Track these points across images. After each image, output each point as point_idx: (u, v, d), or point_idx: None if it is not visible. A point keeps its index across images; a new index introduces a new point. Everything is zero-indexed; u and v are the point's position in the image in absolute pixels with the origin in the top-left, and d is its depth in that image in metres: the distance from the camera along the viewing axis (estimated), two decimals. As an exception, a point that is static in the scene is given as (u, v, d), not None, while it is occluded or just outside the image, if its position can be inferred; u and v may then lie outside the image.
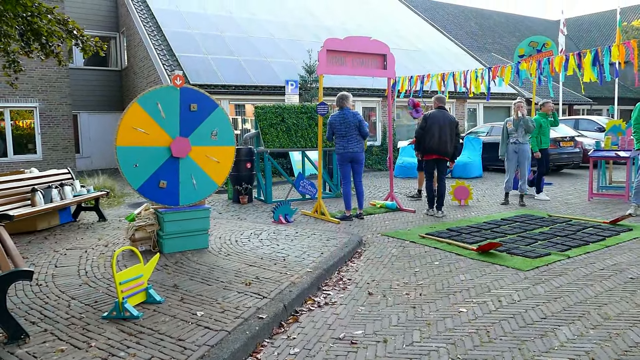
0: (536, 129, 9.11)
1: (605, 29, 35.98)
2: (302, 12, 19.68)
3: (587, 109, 27.41)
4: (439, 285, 4.42)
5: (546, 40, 10.58)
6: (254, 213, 8.31)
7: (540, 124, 9.12)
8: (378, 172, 14.75)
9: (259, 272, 4.60)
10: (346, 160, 7.50)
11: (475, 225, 6.86)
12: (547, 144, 9.26)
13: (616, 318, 3.59)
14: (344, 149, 7.42)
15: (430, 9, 31.14)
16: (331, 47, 7.62)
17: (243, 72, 14.51)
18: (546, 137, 9.22)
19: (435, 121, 7.61)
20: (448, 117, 7.72)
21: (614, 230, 6.34)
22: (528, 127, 8.42)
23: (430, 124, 7.61)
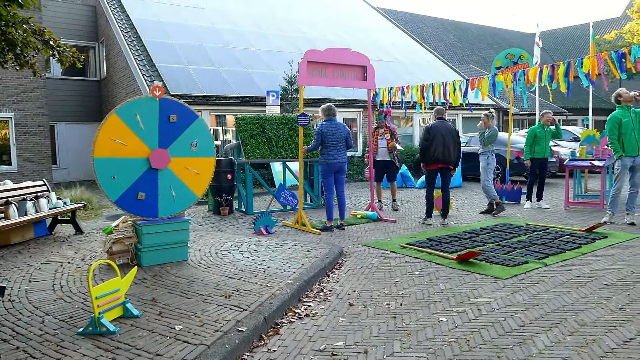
0: (530, 138, 9.26)
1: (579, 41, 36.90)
2: (284, 24, 19.78)
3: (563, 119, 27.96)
4: (419, 295, 4.44)
5: (522, 53, 10.81)
6: (234, 224, 8.26)
7: (535, 134, 9.25)
8: (359, 182, 14.81)
9: (239, 285, 4.56)
10: (332, 171, 7.52)
11: (455, 234, 6.92)
12: (541, 154, 9.28)
13: (592, 324, 3.65)
14: (334, 159, 7.44)
15: (410, 21, 31.59)
16: (311, 59, 7.66)
17: (224, 82, 14.49)
18: (541, 147, 9.25)
19: (438, 132, 7.76)
20: (449, 127, 7.90)
21: (590, 237, 6.46)
22: (482, 139, 8.67)
23: (433, 135, 7.76)
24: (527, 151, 9.30)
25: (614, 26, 30.80)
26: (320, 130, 7.44)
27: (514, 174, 12.27)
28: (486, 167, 8.69)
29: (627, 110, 7.34)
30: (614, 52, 7.44)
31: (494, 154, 8.76)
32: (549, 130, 9.27)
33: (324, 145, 7.44)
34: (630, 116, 7.28)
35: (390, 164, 9.43)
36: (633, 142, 7.24)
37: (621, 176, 7.41)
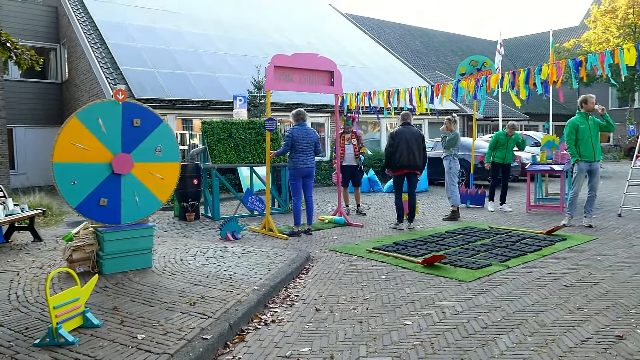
0: (492, 143, 9.62)
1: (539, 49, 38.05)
2: (252, 29, 19.69)
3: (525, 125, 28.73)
4: (385, 299, 4.47)
5: (485, 60, 11.08)
6: (200, 230, 8.15)
7: (497, 140, 9.60)
8: (327, 187, 14.85)
9: (205, 291, 4.50)
10: (301, 176, 7.52)
11: (421, 238, 7.01)
12: (501, 160, 9.65)
13: (552, 325, 3.75)
14: (303, 164, 7.44)
15: (377, 27, 31.94)
16: (278, 64, 7.65)
17: (191, 87, 14.31)
18: (502, 153, 9.61)
19: (403, 137, 7.81)
20: (414, 131, 7.96)
21: (550, 240, 6.64)
22: (444, 142, 8.86)
23: (398, 141, 7.80)
24: (488, 154, 9.71)
25: (573, 35, 31.89)
26: (290, 134, 7.43)
27: (478, 178, 12.52)
28: (449, 171, 8.84)
29: (585, 118, 7.60)
30: (571, 60, 7.69)
31: (457, 158, 8.93)
32: (512, 139, 9.57)
33: (294, 149, 7.43)
34: (588, 123, 7.54)
35: (357, 169, 9.52)
36: (589, 148, 7.50)
37: (578, 180, 7.66)
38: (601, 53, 7.18)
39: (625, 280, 4.83)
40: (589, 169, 7.59)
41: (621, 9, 25.41)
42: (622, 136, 29.43)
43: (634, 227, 7.54)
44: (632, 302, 4.19)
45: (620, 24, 25.55)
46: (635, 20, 25.12)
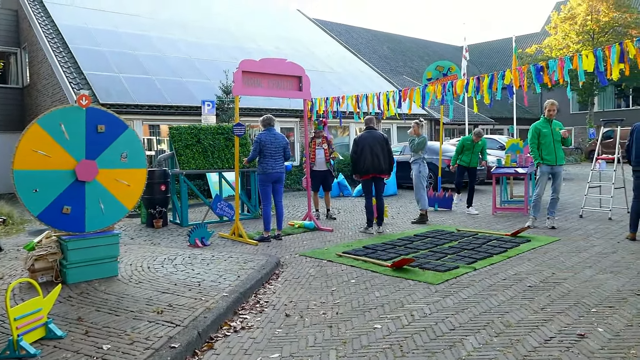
0: (459, 147, 9.95)
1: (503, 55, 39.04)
2: (220, 34, 19.55)
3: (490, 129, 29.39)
4: (355, 303, 4.49)
5: (451, 65, 11.29)
6: (168, 237, 8.02)
7: (464, 145, 9.95)
8: (297, 192, 14.83)
9: (172, 299, 4.43)
10: (270, 181, 7.49)
11: (390, 242, 7.08)
12: (466, 163, 10.00)
13: (517, 325, 3.84)
14: (272, 169, 7.42)
15: (345, 32, 32.19)
16: (246, 69, 7.62)
17: (157, 91, 14.09)
18: (467, 157, 9.95)
19: (366, 142, 7.86)
20: (377, 136, 7.99)
21: (515, 242, 6.81)
22: (412, 146, 9.02)
23: (362, 146, 7.84)
24: (454, 157, 10.09)
25: (535, 41, 32.81)
26: (259, 139, 7.42)
27: (446, 181, 12.72)
28: (418, 175, 8.97)
29: (548, 122, 7.83)
30: (532, 66, 7.91)
31: (425, 162, 9.07)
32: (479, 145, 9.86)
33: (262, 154, 7.41)
34: (551, 128, 7.77)
35: (328, 174, 9.57)
36: (552, 152, 7.73)
37: (540, 182, 7.89)
38: (561, 59, 7.41)
39: (586, 279, 4.98)
40: (551, 172, 7.81)
41: (580, 15, 26.31)
42: (582, 139, 30.41)
43: (594, 228, 7.79)
44: (593, 301, 4.33)
45: (579, 30, 26.45)
46: (593, 27, 26.04)
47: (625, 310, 4.07)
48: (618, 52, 6.61)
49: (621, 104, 31.59)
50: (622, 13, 25.68)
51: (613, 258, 5.81)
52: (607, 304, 4.24)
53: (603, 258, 5.83)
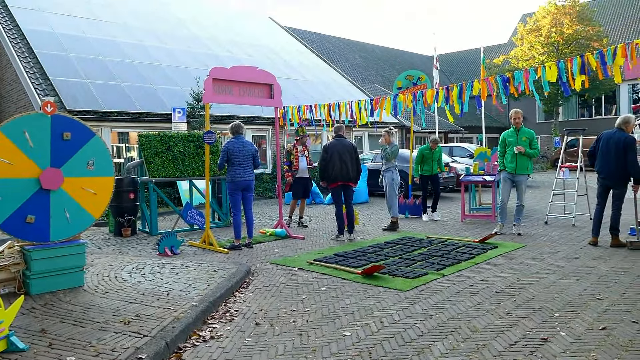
0: (418, 158, 10.04)
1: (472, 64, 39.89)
2: (191, 41, 19.40)
3: (460, 137, 29.95)
4: (325, 311, 4.50)
5: (420, 74, 11.47)
6: (137, 246, 7.89)
7: (423, 155, 10.11)
8: (269, 199, 14.79)
9: (140, 309, 4.36)
10: (240, 189, 7.45)
11: (361, 249, 7.12)
12: (429, 172, 10.14)
13: (483, 330, 3.91)
14: (241, 177, 7.38)
15: (317, 41, 32.38)
16: (217, 76, 7.60)
17: (127, 98, 13.88)
18: (429, 165, 10.10)
19: (335, 150, 7.90)
20: (346, 144, 8.05)
21: (483, 248, 6.94)
22: (385, 154, 9.08)
23: (330, 154, 7.88)
24: (416, 169, 10.24)
25: (502, 51, 33.66)
26: (226, 147, 7.39)
27: (417, 189, 12.87)
28: (391, 182, 9.06)
29: (514, 132, 8.04)
30: (499, 77, 8.12)
31: (397, 170, 9.17)
32: (437, 151, 10.09)
33: (231, 162, 7.38)
34: (517, 137, 7.96)
35: (309, 182, 9.63)
36: (514, 160, 7.93)
37: (502, 188, 8.15)
38: (526, 70, 7.63)
39: (550, 285, 5.12)
40: (513, 180, 8.02)
41: (544, 28, 27.14)
42: (548, 147, 31.25)
43: (558, 234, 8.01)
44: (556, 305, 4.45)
45: (544, 42, 27.26)
46: (557, 39, 26.88)
47: (586, 314, 4.19)
48: (579, 64, 6.85)
49: (584, 113, 32.62)
50: (584, 26, 26.60)
51: (576, 263, 5.99)
52: (570, 308, 4.36)
53: (566, 263, 6.00)
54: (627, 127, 6.78)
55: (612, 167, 6.77)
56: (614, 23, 33.60)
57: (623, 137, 6.68)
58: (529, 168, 8.07)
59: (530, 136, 8.01)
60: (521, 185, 8.03)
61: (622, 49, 6.39)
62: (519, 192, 8.07)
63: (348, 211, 8.15)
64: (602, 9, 33.25)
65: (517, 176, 7.98)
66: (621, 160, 6.65)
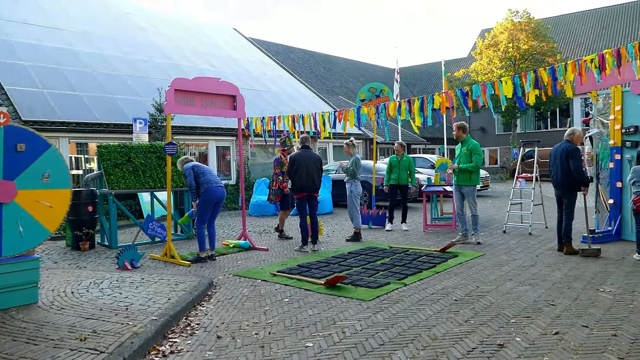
0: (388, 167, 10.21)
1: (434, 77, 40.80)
2: (153, 51, 19.16)
3: (423, 148, 30.52)
4: (287, 322, 4.50)
5: (383, 87, 11.69)
6: (96, 260, 7.69)
7: (391, 163, 10.26)
8: (233, 211, 14.66)
9: (97, 325, 4.25)
10: (214, 201, 7.36)
11: (324, 259, 7.15)
12: (395, 181, 10.24)
13: (442, 338, 3.99)
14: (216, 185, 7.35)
15: (282, 52, 32.50)
16: (179, 87, 7.54)
17: (86, 108, 13.57)
18: (396, 174, 10.20)
19: (302, 160, 7.95)
20: (312, 155, 8.12)
21: (443, 257, 7.07)
22: (347, 172, 9.15)
23: (297, 165, 7.91)
24: (387, 178, 10.32)
25: (463, 65, 34.58)
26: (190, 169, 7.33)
27: (380, 199, 13.03)
28: (351, 194, 9.15)
29: (460, 145, 8.33)
30: (459, 90, 8.34)
31: (358, 181, 9.26)
32: (404, 160, 10.20)
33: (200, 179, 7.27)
34: (461, 150, 8.26)
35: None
36: (456, 173, 8.25)
37: (454, 199, 8.36)
38: (483, 84, 7.87)
39: (507, 292, 5.26)
40: (460, 191, 8.25)
41: (502, 43, 28.09)
42: (507, 158, 32.18)
43: (516, 242, 8.25)
44: (513, 312, 4.58)
45: (502, 56, 28.20)
46: (514, 54, 27.85)
47: (540, 320, 4.33)
48: (533, 79, 7.12)
49: (541, 125, 33.79)
50: (539, 42, 27.67)
51: (532, 271, 6.18)
52: (525, 314, 4.49)
53: (523, 271, 6.18)
54: (572, 139, 7.17)
55: (559, 176, 7.15)
56: (567, 39, 35.09)
57: (566, 147, 7.08)
58: (472, 179, 8.17)
59: (471, 148, 8.19)
60: (468, 196, 8.24)
61: (572, 65, 6.68)
62: (467, 203, 8.28)
63: (312, 222, 8.19)
64: (555, 26, 34.65)
65: (462, 187, 8.23)
66: (565, 169, 7.03)
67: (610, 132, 8.20)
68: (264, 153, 18.34)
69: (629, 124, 7.90)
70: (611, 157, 8.13)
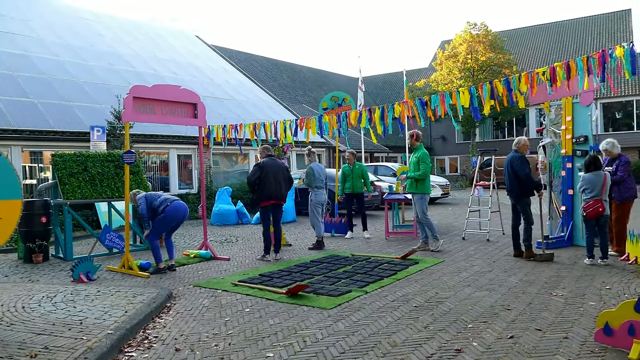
0: (341, 177, 10.14)
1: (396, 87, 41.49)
2: (112, 58, 18.74)
3: (385, 157, 30.89)
4: (248, 333, 4.45)
5: (345, 96, 11.79)
6: (49, 273, 7.42)
7: (344, 172, 10.31)
8: (194, 220, 14.44)
9: (49, 341, 4.10)
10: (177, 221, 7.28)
11: (287, 268, 7.12)
12: (350, 190, 10.32)
13: (402, 344, 4.03)
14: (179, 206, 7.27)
15: (245, 60, 32.38)
16: (138, 94, 7.40)
17: (40, 116, 13.14)
18: (349, 183, 10.27)
19: (270, 168, 7.91)
20: (279, 163, 8.13)
21: (404, 264, 7.16)
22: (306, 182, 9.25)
23: (266, 172, 7.87)
24: (340, 188, 10.46)
25: (423, 75, 35.30)
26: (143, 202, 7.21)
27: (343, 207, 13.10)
28: (311, 203, 9.18)
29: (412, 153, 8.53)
30: (418, 100, 8.50)
31: (321, 190, 9.30)
32: (357, 168, 10.31)
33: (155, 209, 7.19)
34: (412, 158, 8.46)
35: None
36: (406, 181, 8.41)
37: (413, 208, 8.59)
38: (442, 94, 8.05)
39: (465, 297, 5.37)
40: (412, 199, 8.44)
41: (461, 54, 28.86)
42: (467, 167, 32.95)
43: (474, 249, 8.44)
44: (470, 317, 4.67)
45: (461, 67, 28.95)
46: (473, 65, 28.63)
47: (496, 324, 4.44)
48: (489, 90, 7.34)
49: (499, 134, 34.80)
50: (496, 54, 28.56)
51: (489, 276, 6.33)
52: (482, 319, 4.60)
53: (480, 277, 6.32)
54: (519, 148, 7.51)
55: (509, 184, 7.49)
56: (523, 52, 36.36)
57: (512, 156, 7.43)
58: (418, 187, 8.32)
59: (419, 156, 8.37)
60: (415, 203, 8.41)
61: (525, 77, 6.92)
62: (415, 209, 8.43)
63: (276, 230, 8.16)
64: (511, 39, 35.88)
65: (412, 195, 8.43)
66: (512, 176, 7.36)
67: (562, 142, 8.51)
68: (227, 161, 18.19)
69: (579, 134, 8.23)
70: (563, 165, 8.44)
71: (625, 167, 7.30)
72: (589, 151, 7.90)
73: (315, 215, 9.16)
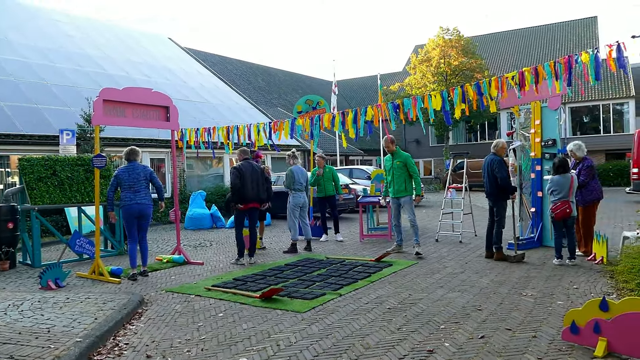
0: (311, 179, 10.15)
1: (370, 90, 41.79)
2: (82, 60, 18.38)
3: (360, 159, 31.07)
4: (221, 338, 4.42)
5: (319, 99, 11.84)
6: (16, 280, 7.22)
7: (314, 176, 10.31)
8: (167, 225, 14.26)
9: (15, 350, 3.99)
10: (133, 215, 7.07)
11: (261, 272, 7.09)
12: (322, 193, 10.33)
13: (375, 346, 4.05)
14: (130, 201, 7.00)
15: (219, 63, 32.19)
16: (108, 97, 7.29)
17: (6, 118, 12.79)
18: (321, 186, 10.28)
19: (248, 171, 7.89)
20: (256, 166, 8.12)
21: (378, 267, 7.21)
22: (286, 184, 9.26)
23: (243, 175, 7.83)
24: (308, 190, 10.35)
25: (398, 79, 35.66)
26: (116, 173, 7.12)
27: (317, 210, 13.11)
28: (288, 205, 9.18)
29: (390, 157, 8.51)
30: (390, 104, 8.58)
31: (299, 192, 9.29)
32: (327, 172, 10.33)
33: (122, 187, 7.04)
34: (392, 161, 8.38)
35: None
36: (391, 184, 8.36)
37: (392, 212, 8.60)
38: (414, 98, 8.14)
39: (438, 299, 5.43)
40: (398, 202, 8.36)
41: (434, 59, 29.25)
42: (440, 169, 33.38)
43: (447, 250, 8.54)
44: (443, 318, 4.73)
45: (434, 71, 29.34)
46: (445, 69, 29.05)
47: (468, 325, 4.50)
48: (460, 95, 7.45)
49: (471, 138, 35.36)
50: (469, 59, 29.05)
51: (461, 277, 6.42)
52: (454, 320, 4.66)
53: (453, 278, 6.41)
54: (497, 150, 7.66)
55: (487, 186, 7.65)
56: (495, 57, 37.06)
57: (491, 159, 7.59)
58: (408, 189, 8.28)
59: (403, 159, 8.31)
60: (405, 205, 8.32)
61: (495, 81, 7.05)
62: (406, 212, 8.41)
63: (251, 234, 8.13)
64: (483, 44, 36.51)
65: (400, 199, 8.33)
66: (491, 178, 7.51)
67: (531, 145, 8.70)
68: (201, 165, 18.02)
69: (547, 137, 8.42)
70: (532, 168, 8.63)
71: (587, 171, 7.47)
72: (557, 154, 8.10)
73: (292, 218, 9.15)
